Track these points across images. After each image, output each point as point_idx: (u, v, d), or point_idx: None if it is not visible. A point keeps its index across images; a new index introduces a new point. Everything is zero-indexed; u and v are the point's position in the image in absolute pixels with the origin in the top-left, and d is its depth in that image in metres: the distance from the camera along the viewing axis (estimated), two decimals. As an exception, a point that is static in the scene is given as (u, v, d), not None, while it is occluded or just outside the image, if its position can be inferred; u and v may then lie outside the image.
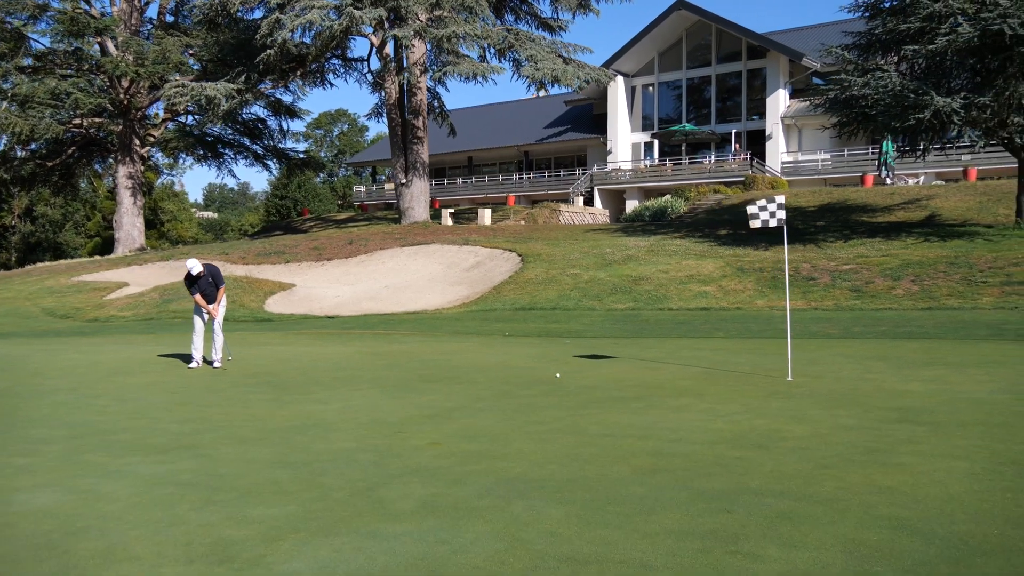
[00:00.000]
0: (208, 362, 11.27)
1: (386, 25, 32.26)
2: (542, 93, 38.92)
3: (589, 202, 44.68)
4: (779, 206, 9.33)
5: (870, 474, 5.22)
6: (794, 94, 41.97)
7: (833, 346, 12.03)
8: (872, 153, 37.90)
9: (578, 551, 3.95)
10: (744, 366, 10.29)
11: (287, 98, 46.50)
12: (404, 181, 34.43)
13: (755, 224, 9.20)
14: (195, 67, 40.47)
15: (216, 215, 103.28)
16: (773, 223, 9.34)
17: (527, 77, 32.10)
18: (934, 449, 5.84)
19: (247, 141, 47.71)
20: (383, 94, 35.04)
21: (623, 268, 21.14)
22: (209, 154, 46.70)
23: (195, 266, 11.06)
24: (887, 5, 20.41)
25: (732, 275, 19.40)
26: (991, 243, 18.73)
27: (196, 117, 42.95)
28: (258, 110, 46.73)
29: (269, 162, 49.19)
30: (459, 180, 54.27)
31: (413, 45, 32.47)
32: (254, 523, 4.45)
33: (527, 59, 32.35)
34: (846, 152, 39.42)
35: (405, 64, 33.88)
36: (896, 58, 20.48)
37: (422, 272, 25.81)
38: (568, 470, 5.46)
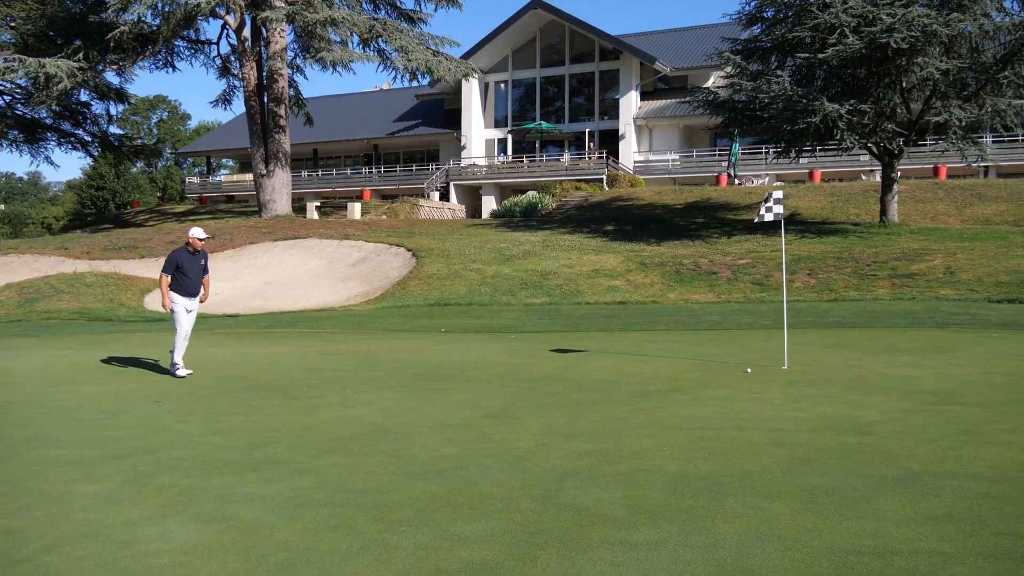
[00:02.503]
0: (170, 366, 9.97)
1: (243, 5, 30.41)
2: (414, 84, 38.18)
3: (445, 197, 44.45)
4: (776, 201, 9.63)
5: (1001, 452, 5.46)
6: (645, 96, 43.77)
7: (781, 336, 12.59)
8: (719, 155, 40.24)
9: (861, 544, 3.84)
10: (727, 357, 10.54)
11: (115, 80, 42.81)
12: (265, 172, 32.70)
13: (768, 217, 9.43)
14: (9, 40, 36.38)
15: (2, 206, 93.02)
16: (769, 217, 9.63)
17: (400, 68, 31.38)
18: (1018, 426, 6.21)
19: (68, 126, 43.52)
20: (242, 80, 33.06)
21: (525, 263, 21.16)
22: (25, 138, 42.13)
23: (200, 233, 9.46)
24: (768, 15, 21.65)
25: (637, 269, 19.90)
26: (864, 240, 20.37)
27: (13, 96, 38.65)
28: (82, 93, 42.71)
29: (92, 149, 45.18)
30: (304, 173, 52.24)
31: (277, 29, 30.86)
32: (479, 541, 3.99)
33: (398, 49, 31.64)
34: (695, 153, 41.60)
35: (264, 49, 32.17)
36: (775, 64, 21.78)
37: (303, 268, 24.62)
38: (719, 464, 5.33)
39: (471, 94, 46.61)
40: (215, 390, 8.73)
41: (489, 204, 43.33)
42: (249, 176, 53.68)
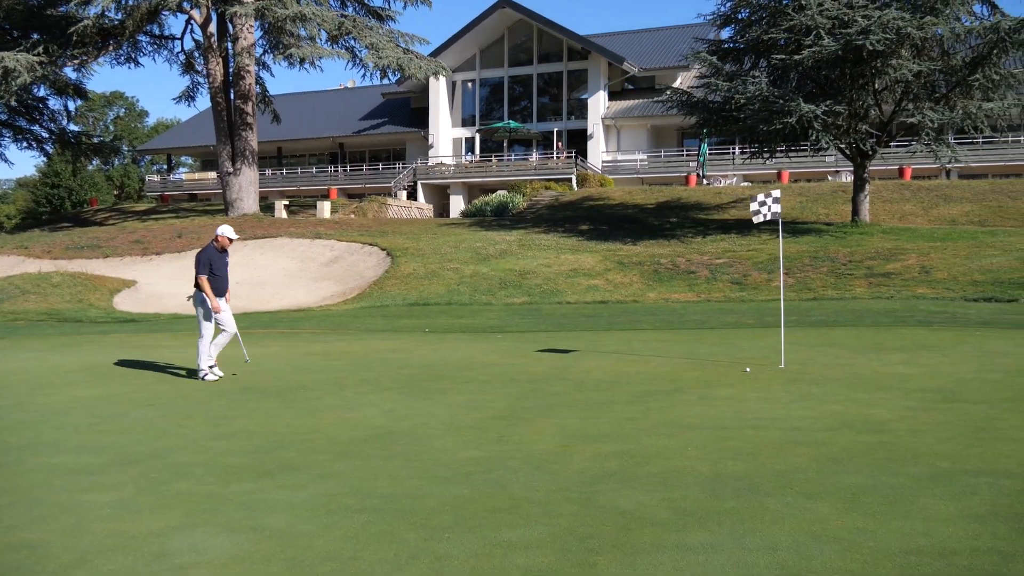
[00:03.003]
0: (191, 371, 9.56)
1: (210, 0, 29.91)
2: (382, 82, 37.79)
3: (412, 196, 44.13)
4: (775, 200, 9.65)
5: (1022, 449, 5.49)
6: (613, 96, 43.92)
7: (772, 335, 12.65)
8: (687, 155, 40.52)
9: (918, 544, 3.80)
10: (721, 356, 10.54)
11: (72, 75, 41.75)
12: (232, 170, 32.14)
13: (758, 219, 9.44)
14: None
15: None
16: (768, 216, 9.65)
17: (370, 65, 31.05)
18: (1032, 425, 6.26)
19: (24, 122, 42.36)
20: (207, 76, 32.44)
21: (502, 262, 21.05)
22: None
23: (232, 232, 9.07)
24: (742, 16, 21.82)
25: (615, 269, 19.91)
26: (839, 239, 20.62)
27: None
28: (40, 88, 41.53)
29: (48, 146, 44.06)
30: (268, 171, 51.49)
31: (245, 24, 30.35)
32: (530, 548, 3.88)
33: (368, 47, 31.31)
34: (663, 153, 41.85)
35: (230, 44, 31.63)
36: (749, 65, 21.95)
37: (274, 267, 24.22)
38: (749, 464, 5.27)
39: (438, 93, 46.35)
40: (209, 392, 8.49)
41: (457, 203, 43.14)
42: (212, 174, 52.85)
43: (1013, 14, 19.62)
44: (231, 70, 32.13)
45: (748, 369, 9.29)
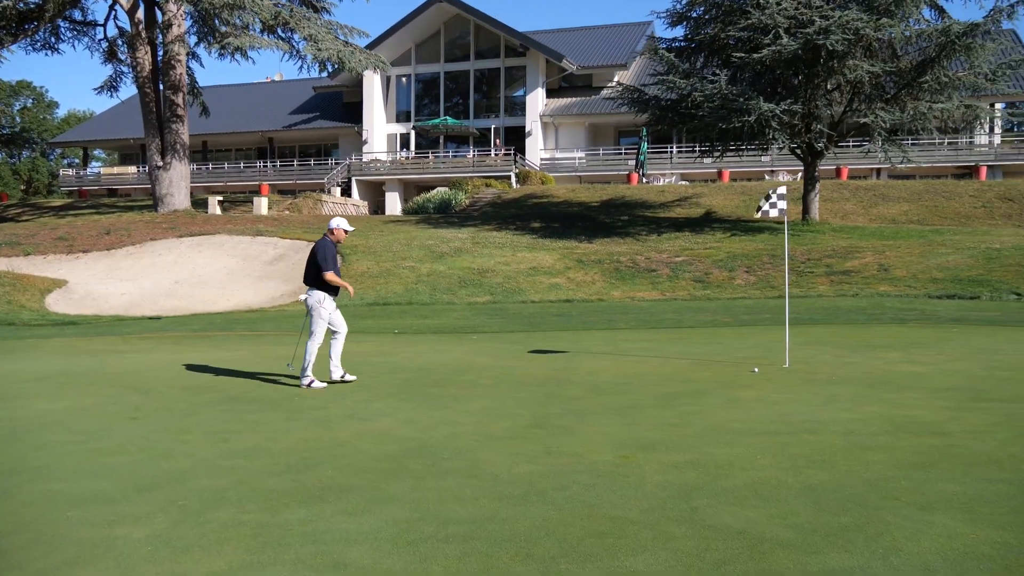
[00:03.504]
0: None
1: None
2: (314, 76, 36.63)
3: (347, 193, 43.06)
4: (780, 196, 9.46)
5: (1096, 453, 5.35)
6: (550, 93, 43.76)
7: (756, 334, 12.53)
8: (626, 154, 40.67)
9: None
10: (716, 355, 10.33)
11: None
12: (161, 164, 30.61)
13: (772, 214, 9.24)
14: None
15: None
16: (774, 213, 9.45)
17: (309, 58, 30.01)
18: (1083, 424, 6.16)
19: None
20: (133, 66, 30.80)
21: (459, 261, 20.54)
22: None
23: (347, 225, 8.54)
24: (695, 15, 21.81)
25: (575, 267, 19.63)
26: (794, 237, 20.81)
27: None
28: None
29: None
30: (193, 166, 49.47)
31: (177, 12, 28.93)
32: (666, 578, 3.46)
33: (307, 38, 30.24)
34: (601, 151, 41.90)
35: (161, 33, 30.12)
36: (701, 63, 21.96)
37: (214, 266, 23.10)
38: (831, 473, 4.96)
39: (372, 87, 45.38)
40: (191, 403, 7.77)
41: (393, 200, 42.28)
42: (133, 169, 50.51)
43: (958, 19, 20.17)
44: (160, 59, 30.60)
45: (756, 369, 9.07)
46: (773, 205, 9.46)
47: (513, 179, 39.01)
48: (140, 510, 4.51)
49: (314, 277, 8.40)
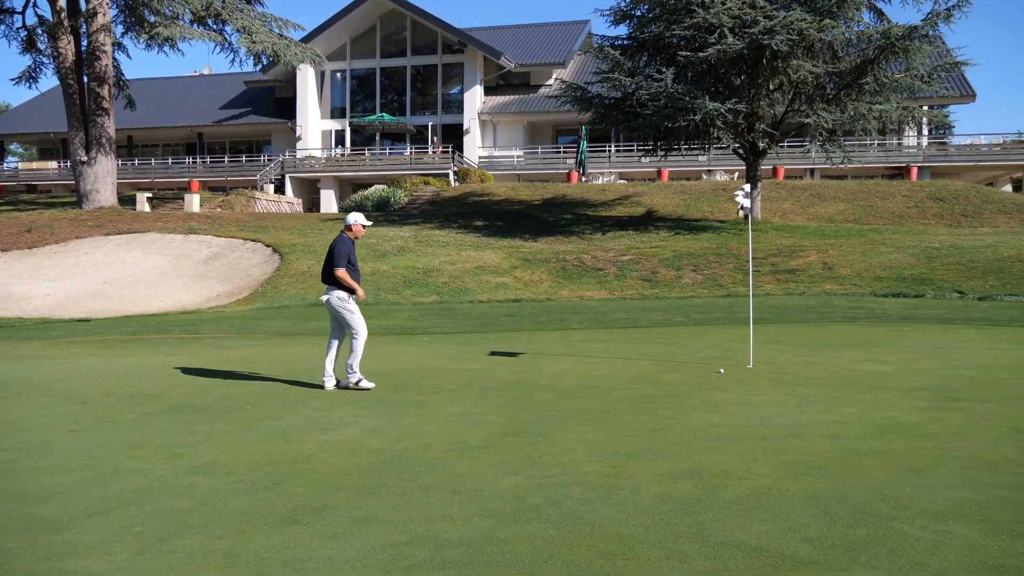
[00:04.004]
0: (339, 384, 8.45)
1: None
2: (245, 69, 35.54)
3: (280, 190, 42.00)
4: (745, 195, 9.41)
5: (1083, 453, 5.31)
6: (488, 91, 43.44)
7: (710, 333, 12.46)
8: (564, 152, 40.63)
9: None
10: (679, 355, 10.20)
11: None
12: (86, 159, 29.26)
13: (742, 214, 9.13)
14: None
15: None
16: (747, 204, 9.41)
17: (242, 50, 29.05)
18: (1060, 424, 6.16)
19: None
20: (55, 56, 29.35)
21: (402, 260, 20.08)
22: None
23: (365, 220, 8.32)
24: (639, 13, 21.78)
25: (521, 266, 19.38)
26: (737, 236, 20.95)
27: None
28: None
29: None
30: (118, 162, 47.53)
31: (102, 0, 27.66)
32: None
33: (240, 30, 29.28)
34: (540, 149, 41.79)
35: (85, 22, 28.76)
36: (644, 62, 21.95)
37: (144, 265, 22.12)
38: (832, 481, 4.78)
39: (306, 83, 44.39)
40: (136, 413, 7.22)
41: (328, 198, 41.42)
42: (54, 164, 48.38)
43: (897, 22, 20.61)
44: (84, 50, 29.23)
45: (722, 370, 8.93)
46: (747, 196, 9.45)
47: (452, 177, 38.61)
48: (93, 538, 4.04)
49: (331, 275, 8.18)
